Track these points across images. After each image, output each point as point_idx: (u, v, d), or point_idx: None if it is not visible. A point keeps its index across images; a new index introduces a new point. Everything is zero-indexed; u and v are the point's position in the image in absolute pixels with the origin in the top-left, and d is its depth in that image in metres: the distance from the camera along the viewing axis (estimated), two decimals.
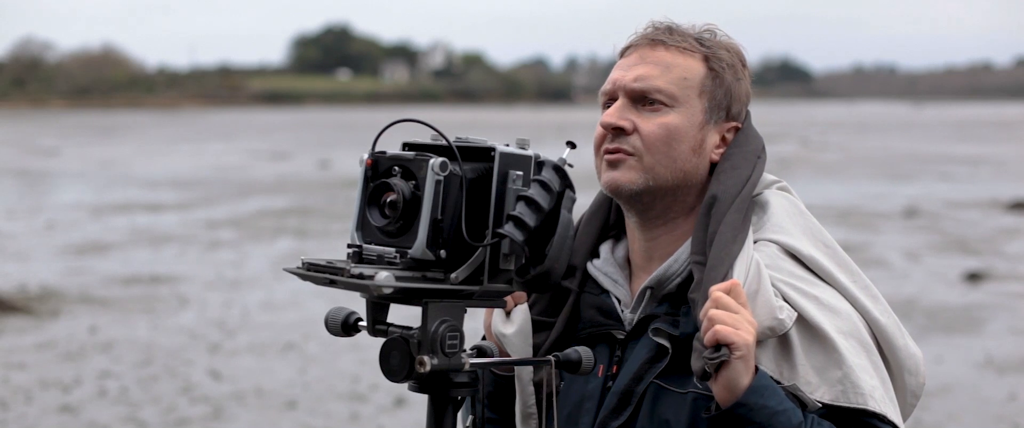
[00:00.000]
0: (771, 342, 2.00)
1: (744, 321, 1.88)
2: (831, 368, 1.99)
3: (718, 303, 1.89)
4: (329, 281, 1.84)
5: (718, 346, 1.87)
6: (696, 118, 2.09)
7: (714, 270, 1.99)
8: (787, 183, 2.20)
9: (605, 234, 2.23)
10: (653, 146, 2.07)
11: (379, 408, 8.74)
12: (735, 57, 2.15)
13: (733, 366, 1.87)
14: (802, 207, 2.16)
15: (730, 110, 2.13)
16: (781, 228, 2.09)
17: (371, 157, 1.88)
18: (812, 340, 2.00)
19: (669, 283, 2.09)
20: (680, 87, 2.09)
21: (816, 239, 2.11)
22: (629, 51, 2.15)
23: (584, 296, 2.18)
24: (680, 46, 2.11)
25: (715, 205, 2.05)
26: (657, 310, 2.09)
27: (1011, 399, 9.14)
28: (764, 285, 2.00)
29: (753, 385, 1.88)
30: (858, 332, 2.04)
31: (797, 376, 1.98)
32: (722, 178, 2.08)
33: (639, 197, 2.09)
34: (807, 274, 2.06)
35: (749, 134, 2.15)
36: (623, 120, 2.08)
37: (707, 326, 1.89)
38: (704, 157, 2.11)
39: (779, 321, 1.99)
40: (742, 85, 2.15)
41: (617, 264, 2.18)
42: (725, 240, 2.01)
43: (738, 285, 1.91)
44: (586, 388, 2.13)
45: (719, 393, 1.90)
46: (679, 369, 2.02)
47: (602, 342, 2.14)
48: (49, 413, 8.66)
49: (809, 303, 2.02)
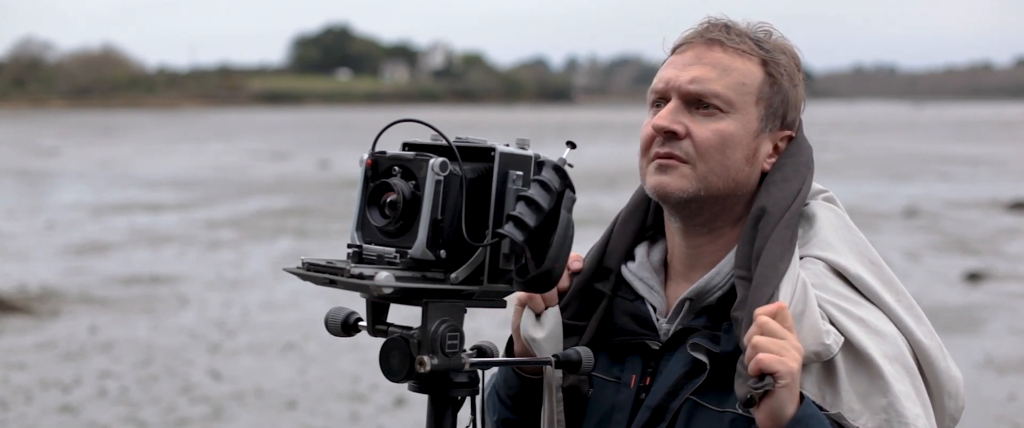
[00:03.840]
0: (815, 366, 1.92)
1: (790, 348, 1.80)
2: (876, 395, 1.92)
3: (763, 328, 1.80)
4: (329, 281, 1.83)
5: (762, 374, 1.80)
6: (751, 126, 2.01)
7: (759, 289, 1.91)
8: (833, 193, 2.11)
9: (641, 235, 2.14)
10: (706, 153, 1.98)
11: (379, 408, 8.75)
12: (792, 62, 2.06)
13: (778, 395, 1.79)
14: (848, 220, 2.07)
15: (785, 118, 2.05)
16: (829, 244, 2.01)
17: (371, 157, 1.88)
18: (857, 365, 1.93)
19: (710, 296, 2.02)
20: (737, 93, 2.00)
21: (863, 256, 2.02)
22: (683, 48, 2.05)
23: (617, 301, 2.10)
24: (738, 48, 2.02)
25: (764, 218, 1.97)
26: (695, 323, 2.02)
27: (1011, 399, 9.14)
28: (811, 307, 1.92)
29: (798, 415, 1.81)
30: (903, 356, 1.96)
31: (841, 402, 1.91)
32: (772, 190, 2.00)
33: (687, 204, 2.01)
34: (853, 294, 1.98)
35: (801, 144, 2.07)
36: (676, 124, 1.99)
37: (751, 353, 1.80)
38: (756, 166, 2.03)
39: (825, 346, 1.91)
40: (798, 91, 2.06)
41: (653, 269, 2.10)
42: (773, 258, 1.93)
43: (785, 309, 1.83)
44: (617, 398, 2.05)
45: (763, 421, 1.82)
46: (717, 386, 1.95)
47: (635, 352, 2.06)
48: (49, 413, 8.66)
49: (856, 326, 1.94)
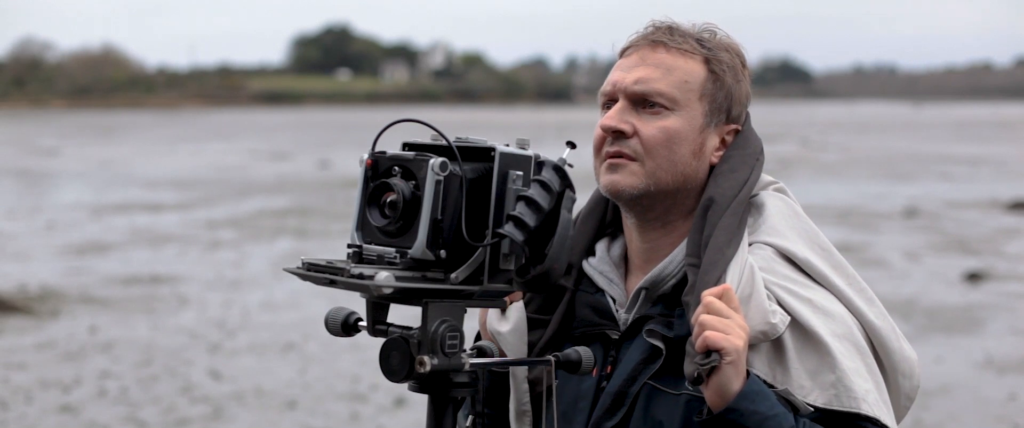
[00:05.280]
0: (764, 346, 1.99)
1: (735, 326, 1.88)
2: (824, 372, 1.98)
3: (709, 308, 1.88)
4: (329, 281, 1.84)
5: (709, 351, 1.86)
6: (696, 121, 2.08)
7: (707, 274, 1.98)
8: (784, 184, 2.19)
9: (601, 232, 2.23)
10: (653, 150, 2.06)
11: (379, 408, 8.75)
12: (736, 58, 2.14)
13: (724, 371, 1.87)
14: (798, 209, 2.15)
15: (730, 113, 2.12)
16: (776, 231, 2.08)
17: (371, 157, 1.88)
18: (805, 343, 1.99)
19: (664, 284, 2.09)
20: (681, 90, 2.08)
21: (811, 242, 2.10)
22: (629, 52, 2.13)
23: (579, 295, 2.18)
24: (681, 48, 2.10)
25: (711, 208, 2.05)
26: (652, 311, 2.09)
27: (1011, 399, 9.14)
28: (758, 289, 1.99)
29: (744, 390, 1.88)
30: (852, 335, 2.03)
31: (790, 380, 1.98)
32: (719, 181, 2.08)
33: (639, 200, 2.09)
34: (802, 277, 2.06)
35: (748, 136, 2.14)
36: (623, 123, 2.07)
37: (698, 331, 1.88)
38: (704, 160, 2.10)
39: (772, 325, 1.98)
40: (742, 87, 2.14)
41: (613, 263, 2.18)
42: (719, 244, 2.01)
43: (730, 290, 1.91)
44: (580, 388, 2.13)
45: (710, 398, 1.90)
46: (673, 370, 2.02)
47: (596, 341, 2.13)
48: (49, 413, 8.66)
49: (803, 306, 2.01)
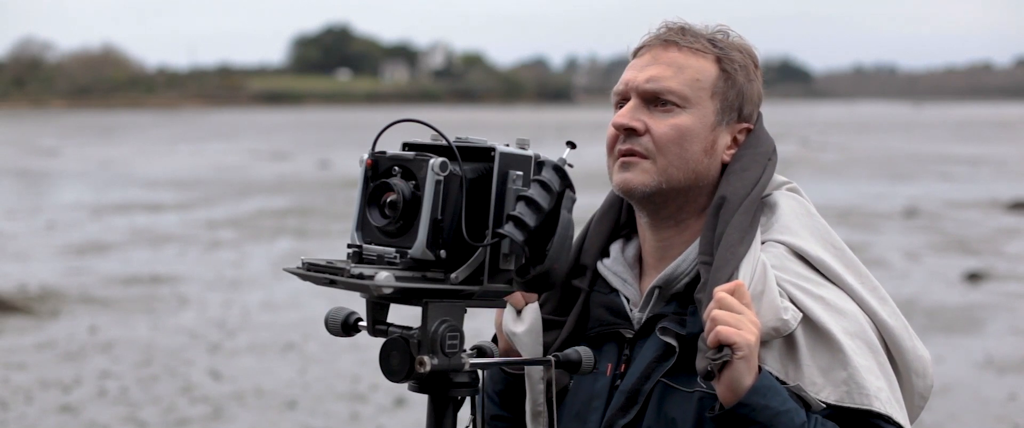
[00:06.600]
0: (777, 342, 2.00)
1: (747, 321, 1.89)
2: (836, 369, 1.99)
3: (721, 304, 1.90)
4: (329, 281, 1.84)
5: (721, 347, 1.88)
6: (708, 119, 2.10)
7: (719, 271, 2.00)
8: (797, 184, 2.20)
9: (616, 233, 2.24)
10: (665, 147, 2.08)
11: (379, 408, 8.74)
12: (748, 58, 2.15)
13: (735, 366, 1.88)
14: (811, 209, 2.16)
15: (742, 111, 2.14)
16: (789, 229, 2.10)
17: (371, 157, 1.88)
18: (817, 340, 2.00)
19: (677, 283, 2.10)
20: (692, 88, 2.09)
21: (824, 241, 2.11)
22: (642, 51, 2.15)
23: (594, 295, 2.19)
24: (693, 47, 2.11)
25: (724, 206, 2.06)
26: (665, 309, 2.10)
27: (1011, 399, 9.14)
28: (770, 286, 2.00)
29: (756, 385, 1.89)
30: (864, 333, 2.04)
31: (802, 376, 1.99)
32: (731, 179, 2.09)
33: (651, 198, 2.10)
34: (814, 275, 2.07)
35: (760, 135, 2.16)
36: (635, 121, 2.09)
37: (710, 327, 1.89)
38: (716, 158, 2.12)
39: (783, 321, 1.99)
40: (754, 86, 2.16)
41: (627, 263, 2.19)
42: (732, 241, 2.02)
43: (742, 286, 1.92)
44: (594, 387, 2.14)
45: (722, 393, 1.91)
46: (686, 368, 2.03)
47: (610, 341, 2.15)
48: (49, 413, 8.66)
49: (815, 304, 2.02)
